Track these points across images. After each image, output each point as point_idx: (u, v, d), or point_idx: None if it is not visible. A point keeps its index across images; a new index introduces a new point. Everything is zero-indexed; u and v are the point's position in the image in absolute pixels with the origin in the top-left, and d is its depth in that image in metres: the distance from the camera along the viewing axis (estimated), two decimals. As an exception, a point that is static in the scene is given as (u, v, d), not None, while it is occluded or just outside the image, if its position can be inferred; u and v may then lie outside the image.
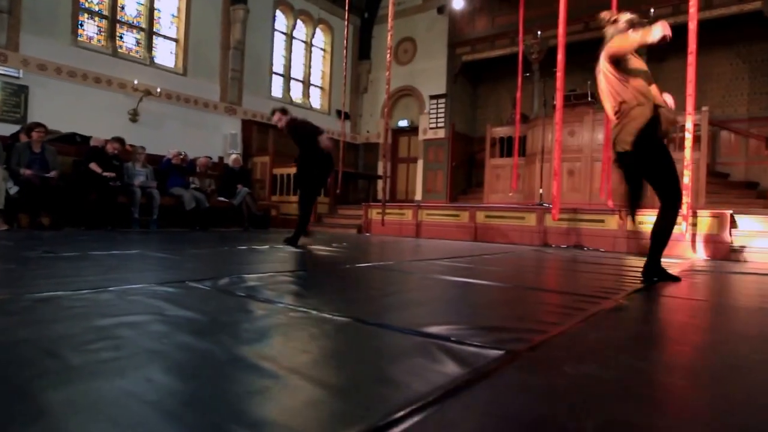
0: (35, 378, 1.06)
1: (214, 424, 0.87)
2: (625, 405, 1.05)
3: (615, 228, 6.54)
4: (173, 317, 1.69)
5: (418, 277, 3.07)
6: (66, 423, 0.84)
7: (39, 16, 7.46)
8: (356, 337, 1.61)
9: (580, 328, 1.80)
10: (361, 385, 1.13)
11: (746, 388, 1.23)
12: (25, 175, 5.81)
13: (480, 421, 0.95)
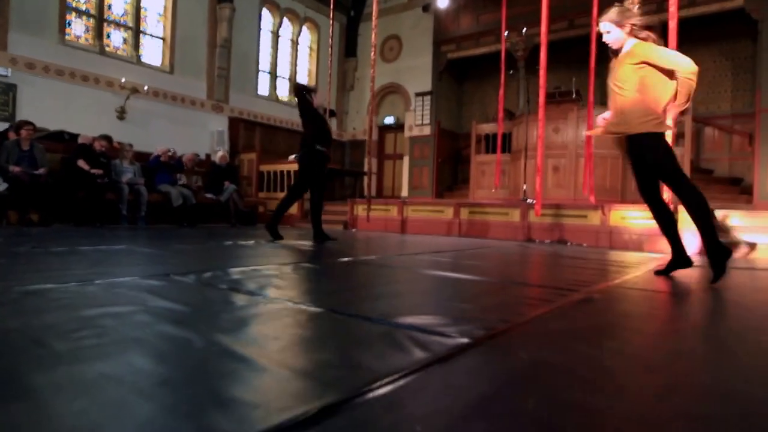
0: (22, 363, 1.17)
1: (187, 402, 0.98)
2: (569, 386, 1.15)
3: (597, 223, 6.68)
4: (156, 308, 1.79)
5: (398, 271, 3.19)
6: (50, 401, 0.95)
7: (27, 16, 7.49)
8: (327, 326, 1.73)
9: (544, 318, 1.91)
10: (324, 368, 1.24)
11: (690, 374, 1.35)
12: (13, 173, 5.87)
13: (429, 398, 1.06)
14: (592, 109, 6.58)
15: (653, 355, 1.55)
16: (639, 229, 6.34)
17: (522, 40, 9.95)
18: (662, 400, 1.12)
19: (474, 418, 0.94)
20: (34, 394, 0.98)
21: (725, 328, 2.03)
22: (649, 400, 1.12)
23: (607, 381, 1.23)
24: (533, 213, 6.94)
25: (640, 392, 1.17)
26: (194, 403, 0.97)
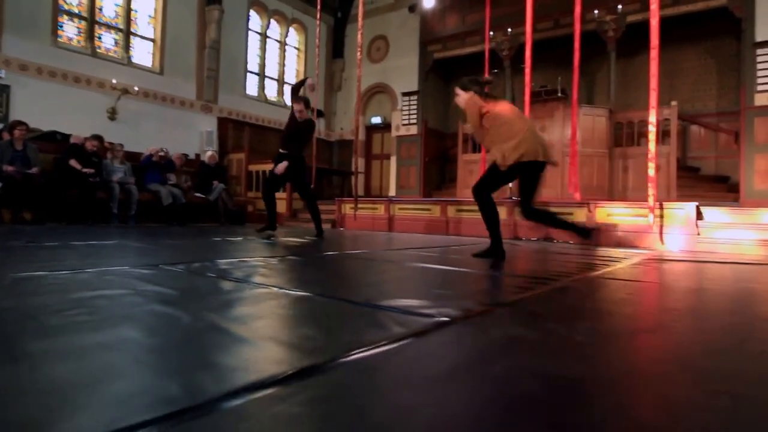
0: (17, 334, 1.27)
1: (174, 366, 1.08)
2: (539, 356, 1.26)
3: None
4: (146, 291, 1.90)
5: (384, 264, 3.30)
6: (42, 364, 1.04)
7: (20, 18, 7.56)
8: (310, 307, 1.84)
9: (521, 302, 2.02)
10: (305, 340, 1.35)
11: (654, 348, 1.46)
12: (7, 172, 5.94)
13: (403, 365, 1.16)
14: (577, 107, 6.69)
15: (621, 331, 1.67)
16: (626, 226, 6.46)
17: (507, 40, 10.10)
18: (622, 364, 1.26)
19: (444, 380, 1.05)
20: (29, 358, 1.08)
21: (692, 309, 2.15)
22: (611, 365, 1.25)
23: (575, 351, 1.34)
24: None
25: (604, 359, 1.30)
26: (181, 367, 1.08)
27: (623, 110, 9.15)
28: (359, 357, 1.18)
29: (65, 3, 8.33)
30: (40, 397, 0.86)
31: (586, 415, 0.90)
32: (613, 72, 9.37)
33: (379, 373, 1.10)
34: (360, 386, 1.01)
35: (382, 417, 0.85)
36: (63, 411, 0.79)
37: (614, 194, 8.46)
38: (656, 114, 5.64)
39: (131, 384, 0.94)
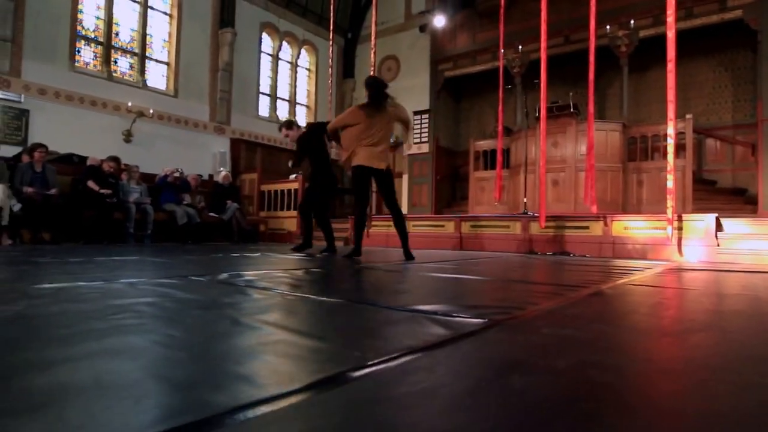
0: (70, 336, 1.27)
1: (212, 354, 1.08)
2: (595, 352, 1.26)
3: (600, 234, 6.74)
4: (181, 299, 1.90)
5: (407, 274, 3.29)
6: (97, 360, 1.04)
7: (39, 44, 7.74)
8: (349, 312, 1.82)
9: (559, 306, 2.01)
10: (354, 338, 1.33)
11: (690, 345, 1.46)
12: (27, 193, 6.01)
13: (460, 362, 1.15)
14: (593, 122, 6.66)
15: (669, 331, 1.68)
16: (642, 239, 6.41)
17: (518, 57, 10.20)
18: (674, 359, 1.28)
19: (511, 373, 1.04)
20: (89, 357, 1.08)
21: (734, 311, 2.14)
22: (661, 358, 1.29)
23: (626, 347, 1.38)
24: (535, 225, 7.01)
25: (655, 355, 1.33)
26: (219, 357, 1.07)
27: (636, 125, 9.15)
28: (413, 358, 1.17)
29: (82, 28, 8.54)
30: (111, 390, 0.86)
31: (654, 398, 0.93)
32: (625, 86, 9.40)
33: (441, 367, 1.09)
34: (417, 384, 1.00)
35: (463, 400, 0.85)
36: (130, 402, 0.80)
37: (628, 208, 8.41)
38: (674, 126, 5.63)
39: (185, 369, 0.96)
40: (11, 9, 7.37)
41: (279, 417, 0.72)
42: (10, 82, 7.45)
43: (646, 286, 2.87)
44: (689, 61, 9.40)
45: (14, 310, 1.57)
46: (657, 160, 8.44)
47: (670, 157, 5.65)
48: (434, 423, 0.75)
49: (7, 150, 7.06)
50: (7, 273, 2.77)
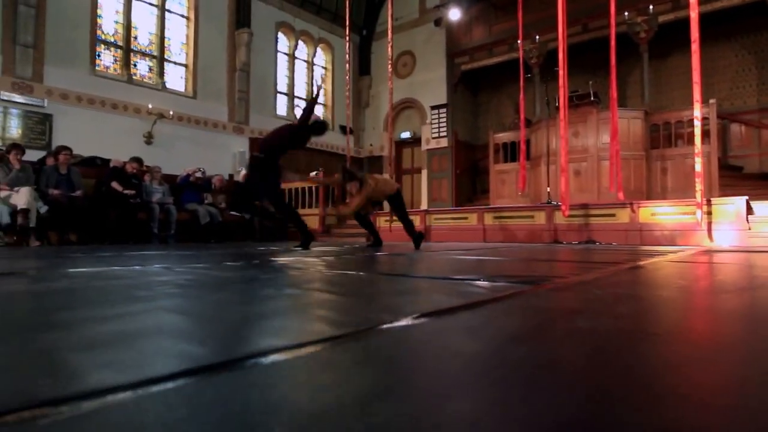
0: (120, 300, 1.27)
1: (252, 313, 1.08)
2: (652, 305, 1.25)
3: (627, 221, 6.62)
4: (221, 276, 1.91)
5: (438, 258, 3.26)
6: (147, 316, 1.04)
7: (60, 49, 7.87)
8: (387, 282, 1.81)
9: (602, 276, 1.98)
10: (403, 300, 1.31)
11: (726, 302, 1.44)
12: (53, 195, 6.11)
13: (519, 311, 1.13)
14: (616, 108, 6.54)
15: (705, 291, 1.70)
16: (671, 224, 6.29)
17: (536, 47, 10.09)
18: (710, 312, 1.25)
19: (574, 316, 1.02)
20: (143, 312, 1.08)
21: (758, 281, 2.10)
22: (701, 314, 1.29)
23: (678, 303, 1.39)
24: (559, 215, 6.92)
25: (697, 310, 1.33)
26: (266, 316, 1.06)
27: (658, 111, 8.99)
28: (439, 317, 1.15)
29: (102, 33, 8.66)
30: (159, 335, 0.87)
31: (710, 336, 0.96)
32: (646, 73, 9.24)
33: (502, 315, 1.08)
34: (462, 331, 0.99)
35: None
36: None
37: (653, 196, 8.25)
38: (700, 107, 5.51)
39: (236, 322, 0.96)
40: (32, 15, 7.51)
41: (296, 361, 0.74)
42: (33, 87, 7.59)
43: (682, 262, 2.81)
44: (711, 45, 9.20)
45: (60, 286, 1.59)
46: (681, 147, 8.27)
47: (697, 140, 5.53)
48: (511, 347, 0.73)
49: (32, 154, 7.19)
50: (42, 263, 2.81)
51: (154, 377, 0.62)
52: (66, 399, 0.55)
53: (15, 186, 5.79)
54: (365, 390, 0.57)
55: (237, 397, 0.55)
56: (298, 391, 0.59)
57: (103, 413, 0.52)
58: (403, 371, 0.67)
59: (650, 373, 0.65)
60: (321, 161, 11.48)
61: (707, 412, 0.51)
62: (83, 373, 0.65)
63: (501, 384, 0.59)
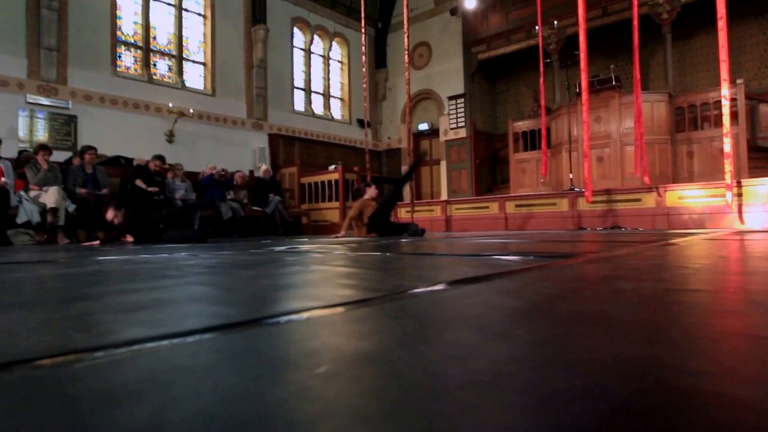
0: (151, 278, 1.28)
1: (284, 284, 1.07)
2: (695, 271, 1.21)
3: (653, 206, 6.49)
4: (247, 259, 1.92)
5: (460, 242, 3.24)
6: (180, 288, 1.05)
7: (83, 52, 8.02)
8: (414, 259, 1.79)
9: (635, 251, 1.94)
10: (431, 273, 1.30)
11: (755, 272, 1.40)
12: (80, 194, 6.23)
13: (523, 285, 1.10)
14: (639, 90, 6.39)
15: (742, 259, 1.66)
16: (699, 208, 6.14)
17: (554, 33, 9.92)
18: (749, 274, 1.18)
19: (614, 280, 0.99)
20: (175, 286, 1.08)
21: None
22: (740, 276, 1.27)
23: (715, 270, 1.36)
24: (582, 201, 6.81)
25: (737, 273, 1.29)
26: (298, 285, 1.06)
27: (683, 94, 8.76)
28: (446, 287, 1.12)
29: (122, 34, 8.79)
30: (190, 302, 0.87)
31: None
32: (669, 55, 9.01)
33: (543, 280, 1.06)
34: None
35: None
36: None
37: (679, 181, 8.05)
38: (729, 86, 5.35)
39: (272, 292, 0.95)
40: (55, 19, 7.65)
41: (332, 317, 0.75)
42: (57, 89, 7.75)
43: (716, 239, 2.74)
44: (737, 24, 8.92)
45: (91, 270, 1.61)
46: (707, 129, 8.06)
47: (725, 119, 5.38)
48: (553, 302, 0.71)
49: (58, 155, 7.34)
50: (72, 254, 2.87)
51: (187, 330, 0.62)
52: (101, 347, 0.55)
53: (44, 186, 5.93)
54: (408, 334, 0.56)
55: (276, 345, 0.55)
56: (338, 339, 0.58)
57: (138, 359, 0.52)
58: (443, 321, 0.66)
59: (698, 321, 0.63)
60: (339, 155, 11.50)
61: (753, 347, 0.49)
62: (117, 330, 0.66)
63: (550, 330, 0.57)
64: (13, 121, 7.30)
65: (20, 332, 0.65)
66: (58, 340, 0.60)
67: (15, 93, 7.34)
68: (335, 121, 12.46)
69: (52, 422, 0.35)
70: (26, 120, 7.46)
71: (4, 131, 6.88)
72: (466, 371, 0.42)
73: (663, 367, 0.44)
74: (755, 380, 0.42)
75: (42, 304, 0.89)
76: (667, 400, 0.35)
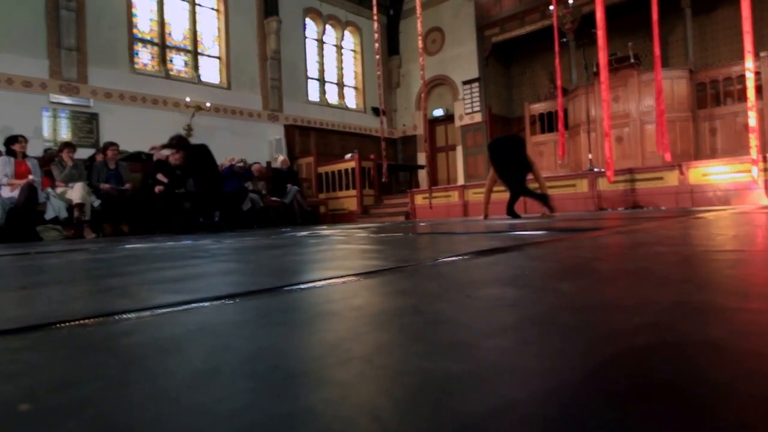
0: (182, 259, 1.30)
1: (312, 259, 1.07)
2: (697, 241, 1.18)
3: (675, 184, 6.35)
4: (272, 242, 1.93)
5: (481, 223, 3.22)
6: (211, 264, 1.06)
7: (101, 50, 8.12)
8: (435, 238, 1.79)
9: (664, 224, 1.91)
10: (439, 245, 1.30)
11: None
12: (104, 189, 6.35)
13: (555, 251, 1.10)
14: (660, 66, 6.23)
15: (753, 229, 1.55)
16: (724, 185, 5.99)
17: (569, 12, 9.72)
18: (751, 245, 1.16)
19: (653, 246, 0.98)
20: (207, 264, 1.09)
21: None
22: (759, 245, 1.17)
23: (751, 235, 1.28)
24: (603, 182, 6.71)
25: (757, 241, 1.22)
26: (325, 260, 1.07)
27: (704, 69, 8.53)
28: (457, 259, 1.12)
29: (138, 32, 8.87)
30: (223, 275, 0.88)
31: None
32: (689, 29, 8.77)
33: (575, 248, 1.05)
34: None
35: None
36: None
37: (702, 158, 7.87)
38: (753, 59, 5.19)
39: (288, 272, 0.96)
40: (73, 19, 7.75)
41: (367, 281, 0.77)
42: (78, 88, 7.86)
43: (745, 213, 2.68)
44: (758, -9, 8.61)
45: (121, 255, 1.64)
46: (730, 105, 7.85)
47: (750, 93, 5.24)
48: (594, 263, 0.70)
49: (82, 153, 7.47)
50: (101, 244, 2.93)
51: (227, 294, 0.63)
52: (145, 308, 0.56)
53: (69, 182, 6.06)
54: (449, 290, 0.56)
55: (319, 303, 0.55)
56: (379, 298, 0.58)
57: (183, 316, 0.52)
58: (482, 281, 0.66)
59: (743, 273, 0.62)
60: (355, 144, 11.50)
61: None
62: (157, 297, 0.67)
63: (596, 284, 0.56)
64: (37, 120, 7.44)
65: (64, 301, 0.66)
66: (102, 305, 0.61)
67: (38, 93, 7.48)
68: (350, 110, 12.43)
69: (113, 365, 0.36)
70: (50, 119, 7.60)
71: (29, 131, 7.02)
72: (519, 316, 0.42)
73: (720, 308, 0.43)
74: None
75: (80, 280, 0.92)
76: (731, 331, 0.35)
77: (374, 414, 0.25)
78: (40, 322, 0.50)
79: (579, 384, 0.29)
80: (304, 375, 0.32)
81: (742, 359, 0.31)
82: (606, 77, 6.03)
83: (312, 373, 0.32)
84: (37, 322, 0.51)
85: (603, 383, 0.29)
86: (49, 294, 0.73)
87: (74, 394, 0.30)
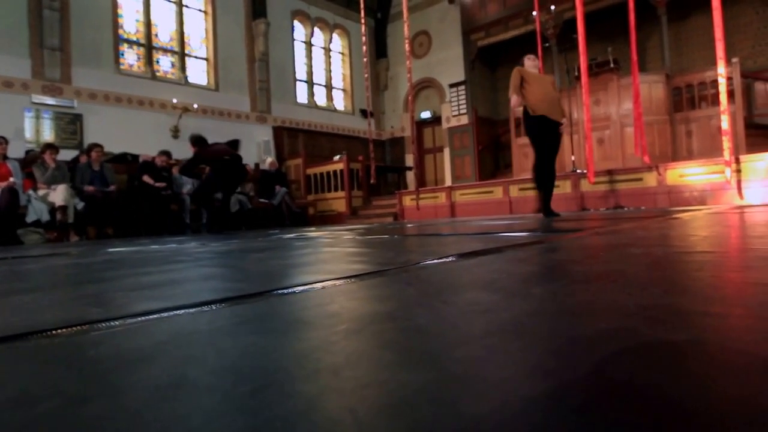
0: (163, 263, 1.28)
1: (297, 263, 1.07)
2: (671, 242, 1.20)
3: (654, 184, 6.48)
4: (257, 245, 1.92)
5: (466, 224, 3.23)
6: (193, 269, 1.05)
7: (85, 50, 8.02)
8: (420, 240, 1.79)
9: (641, 225, 1.94)
10: (425, 247, 1.30)
11: (757, 237, 1.39)
12: (88, 191, 6.27)
13: (535, 254, 1.11)
14: (637, 71, 6.35)
15: (746, 227, 1.59)
16: (700, 185, 6.12)
17: (552, 18, 9.84)
18: (751, 238, 1.17)
19: (628, 248, 0.99)
20: (189, 269, 1.09)
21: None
22: (743, 240, 1.20)
23: (721, 236, 1.30)
24: (585, 183, 6.81)
25: (740, 238, 1.25)
26: (312, 263, 1.07)
27: (680, 74, 8.71)
28: (450, 260, 1.13)
29: (124, 32, 8.78)
30: (204, 280, 0.87)
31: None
32: (665, 36, 8.97)
33: (577, 245, 1.05)
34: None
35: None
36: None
37: (679, 160, 8.01)
38: (725, 65, 5.29)
39: (293, 271, 0.95)
40: (57, 19, 7.65)
41: (348, 286, 0.76)
42: (62, 89, 7.76)
43: (718, 213, 2.73)
44: (731, 4, 8.84)
45: (102, 259, 1.62)
46: (705, 109, 8.03)
47: (722, 97, 5.33)
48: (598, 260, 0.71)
49: (65, 154, 7.37)
50: (83, 248, 2.89)
51: (203, 301, 0.62)
52: (117, 317, 0.55)
53: (52, 184, 5.97)
54: (425, 295, 0.56)
55: (294, 310, 0.54)
56: (356, 303, 0.58)
57: (155, 326, 0.52)
58: (459, 285, 0.66)
59: (711, 275, 0.63)
60: (343, 145, 11.48)
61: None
62: (132, 305, 0.66)
63: (568, 288, 0.57)
64: (19, 121, 7.33)
65: (35, 310, 0.65)
66: (73, 315, 0.60)
67: (20, 94, 7.37)
68: (338, 112, 12.43)
69: (74, 380, 0.35)
70: (32, 120, 7.49)
71: (10, 132, 6.90)
72: (489, 322, 0.42)
73: (684, 312, 0.44)
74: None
75: (56, 287, 0.90)
76: (693, 336, 0.35)
77: (332, 430, 0.25)
78: (6, 334, 0.49)
79: (541, 395, 0.29)
80: (269, 388, 0.32)
81: (698, 366, 0.32)
82: (586, 82, 6.12)
83: (276, 386, 0.32)
84: (2, 334, 0.50)
85: (565, 393, 0.29)
86: (22, 302, 0.72)
87: (28, 413, 0.30)
